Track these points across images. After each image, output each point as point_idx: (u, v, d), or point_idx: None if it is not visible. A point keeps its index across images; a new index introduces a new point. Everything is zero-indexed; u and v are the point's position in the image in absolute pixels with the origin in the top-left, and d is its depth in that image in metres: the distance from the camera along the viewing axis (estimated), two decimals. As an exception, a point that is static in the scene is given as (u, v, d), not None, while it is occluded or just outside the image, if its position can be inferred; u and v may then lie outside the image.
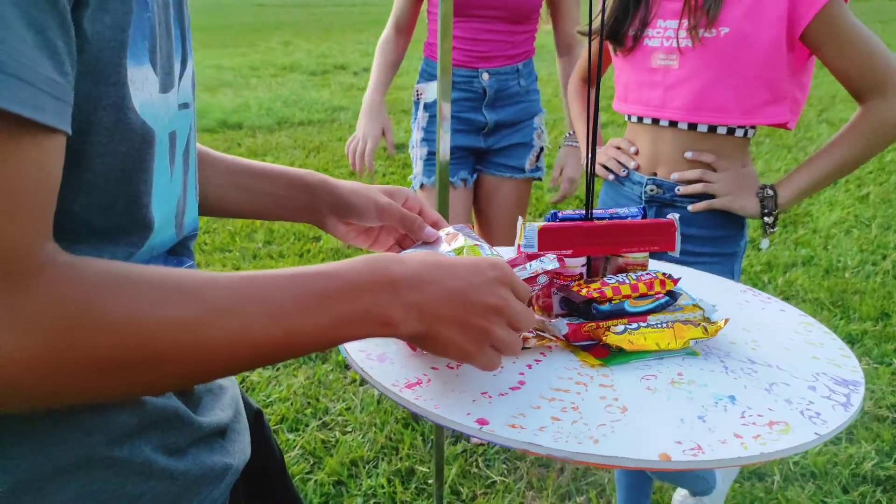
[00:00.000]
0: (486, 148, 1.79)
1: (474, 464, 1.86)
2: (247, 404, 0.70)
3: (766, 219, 1.13)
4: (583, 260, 0.80)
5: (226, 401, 0.63)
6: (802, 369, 0.71)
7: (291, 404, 2.09)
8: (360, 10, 24.86)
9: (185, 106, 0.55)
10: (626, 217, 0.85)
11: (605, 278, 0.76)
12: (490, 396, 0.63)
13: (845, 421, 0.61)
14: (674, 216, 0.83)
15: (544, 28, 1.81)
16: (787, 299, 2.73)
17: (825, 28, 1.04)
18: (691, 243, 1.15)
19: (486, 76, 1.71)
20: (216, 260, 3.13)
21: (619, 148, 1.29)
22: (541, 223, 0.79)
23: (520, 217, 0.82)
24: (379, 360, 0.68)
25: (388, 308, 0.49)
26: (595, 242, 0.79)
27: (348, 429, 2.00)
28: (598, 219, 0.82)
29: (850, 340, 2.42)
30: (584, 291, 0.74)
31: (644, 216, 0.86)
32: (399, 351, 0.70)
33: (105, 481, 0.48)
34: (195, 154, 0.60)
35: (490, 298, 0.53)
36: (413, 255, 0.54)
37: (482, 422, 0.59)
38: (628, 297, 0.74)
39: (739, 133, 1.14)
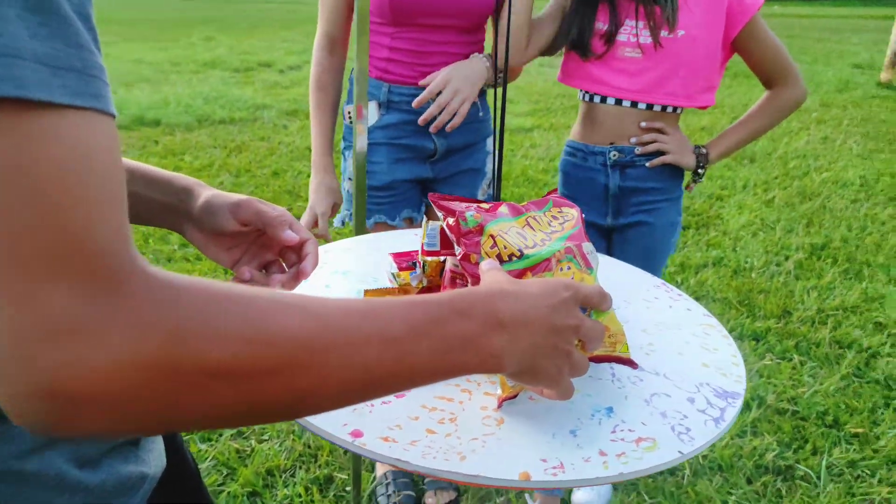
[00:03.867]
0: (433, 178, 1.55)
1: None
2: None
3: (699, 171, 1.49)
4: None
5: None
6: (688, 379, 0.73)
7: (205, 413, 2.00)
8: (289, 7, 24.39)
9: None
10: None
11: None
12: (371, 405, 0.62)
13: (712, 438, 0.62)
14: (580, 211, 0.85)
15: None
16: (698, 299, 2.84)
17: (751, 32, 1.39)
18: (650, 194, 1.48)
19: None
20: (127, 263, 2.98)
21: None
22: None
23: (424, 216, 0.81)
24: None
25: (494, 340, 0.48)
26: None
27: (265, 437, 1.94)
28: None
29: (755, 338, 2.55)
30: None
31: None
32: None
33: (16, 495, 0.45)
34: None
35: (571, 320, 0.52)
36: (510, 284, 0.52)
37: (356, 433, 0.58)
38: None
39: (679, 110, 1.47)
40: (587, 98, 1.48)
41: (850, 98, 7.60)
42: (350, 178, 1.51)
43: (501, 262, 0.68)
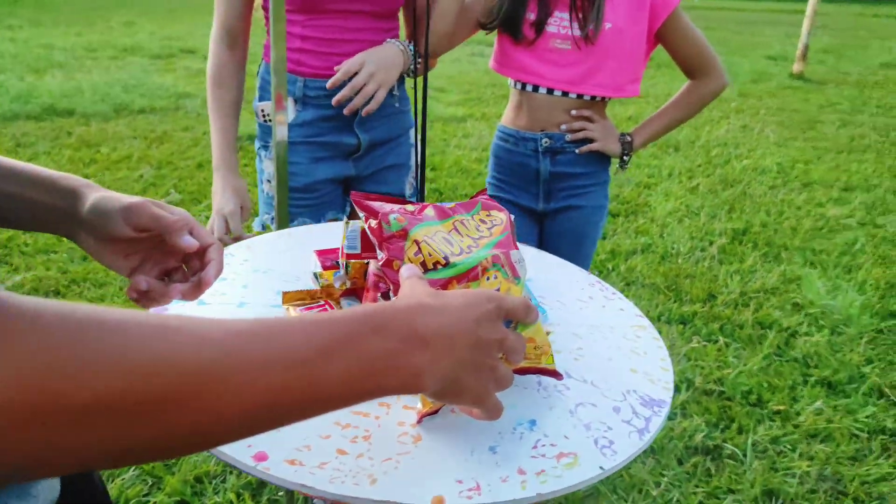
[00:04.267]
0: (355, 175, 1.47)
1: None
2: None
3: (624, 157, 1.56)
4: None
5: None
6: (615, 386, 0.72)
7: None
8: (211, -9, 23.41)
9: None
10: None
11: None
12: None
13: (635, 452, 0.61)
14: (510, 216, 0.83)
15: None
16: (628, 285, 2.91)
17: (674, 25, 1.44)
18: (580, 179, 1.54)
19: None
20: (39, 263, 2.80)
21: None
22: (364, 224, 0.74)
23: (343, 216, 0.78)
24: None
25: (415, 359, 0.45)
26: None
27: (192, 442, 1.85)
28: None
29: (683, 321, 2.63)
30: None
31: None
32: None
33: None
34: None
35: (495, 334, 0.49)
36: (433, 297, 0.49)
37: (260, 457, 0.54)
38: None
39: (607, 100, 1.53)
40: (518, 87, 1.52)
41: (765, 88, 7.96)
42: (269, 181, 1.43)
43: (426, 270, 0.65)
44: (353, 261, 0.79)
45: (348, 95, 1.28)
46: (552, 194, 1.56)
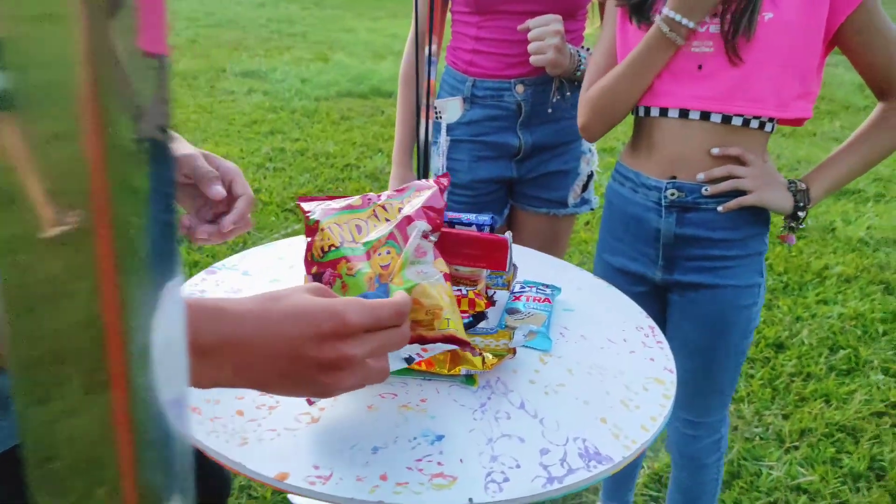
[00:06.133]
0: (517, 177, 1.45)
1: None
2: None
3: (799, 213, 1.10)
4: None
5: None
6: (566, 428, 0.64)
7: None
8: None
9: None
10: (470, 225, 0.82)
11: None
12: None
13: (526, 497, 0.54)
14: (508, 235, 0.79)
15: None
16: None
17: (864, 20, 1.02)
18: (719, 248, 1.11)
19: (520, 88, 1.37)
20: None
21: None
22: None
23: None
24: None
25: (208, 369, 0.46)
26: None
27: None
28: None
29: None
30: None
31: (492, 229, 0.82)
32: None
33: None
34: None
35: (322, 356, 0.48)
36: (237, 302, 0.49)
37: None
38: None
39: (768, 127, 1.09)
40: (640, 111, 1.14)
41: None
42: (437, 174, 1.50)
43: (323, 253, 0.68)
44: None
45: (535, 27, 1.26)
46: (676, 263, 1.15)
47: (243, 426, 0.58)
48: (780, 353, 2.26)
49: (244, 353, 0.46)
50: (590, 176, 1.47)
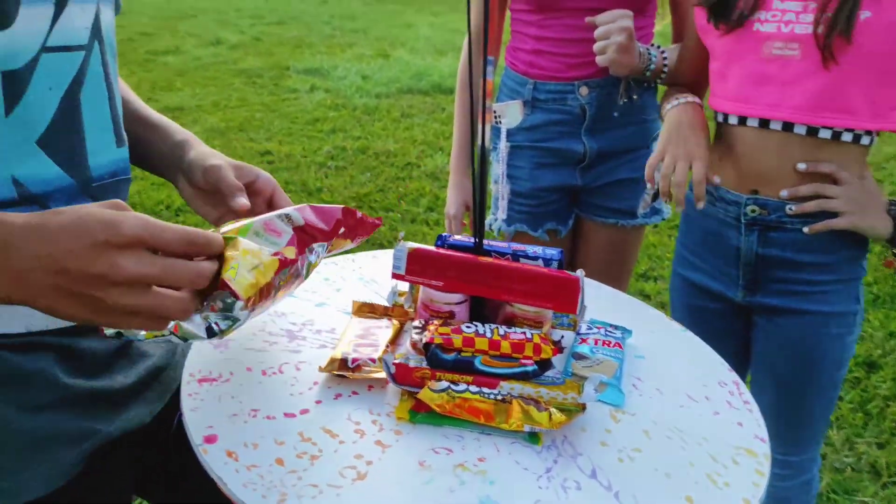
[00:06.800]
0: (582, 186, 1.38)
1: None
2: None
3: None
4: (458, 297, 0.68)
5: (139, 368, 0.69)
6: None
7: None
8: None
9: (64, 49, 0.58)
10: (536, 259, 0.72)
11: (466, 324, 0.63)
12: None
13: None
14: (580, 273, 0.68)
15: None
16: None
17: None
18: (808, 272, 1.01)
19: (584, 90, 1.30)
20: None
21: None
22: (416, 245, 0.70)
23: (401, 232, 0.71)
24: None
25: None
26: (475, 280, 0.67)
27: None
28: (497, 253, 0.69)
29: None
30: (430, 330, 0.60)
31: (560, 265, 0.73)
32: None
33: None
34: (103, 93, 0.63)
35: (94, 267, 0.46)
36: (20, 214, 0.48)
37: (210, 438, 0.55)
38: (483, 352, 0.60)
39: (865, 140, 0.97)
40: (720, 118, 1.07)
41: None
42: (496, 182, 1.44)
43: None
44: (398, 281, 0.72)
45: (602, 23, 1.17)
46: (760, 285, 1.05)
47: (282, 479, 0.53)
48: (872, 373, 2.08)
49: (17, 262, 0.46)
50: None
